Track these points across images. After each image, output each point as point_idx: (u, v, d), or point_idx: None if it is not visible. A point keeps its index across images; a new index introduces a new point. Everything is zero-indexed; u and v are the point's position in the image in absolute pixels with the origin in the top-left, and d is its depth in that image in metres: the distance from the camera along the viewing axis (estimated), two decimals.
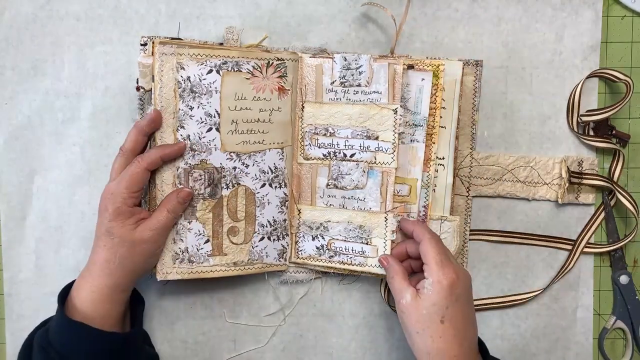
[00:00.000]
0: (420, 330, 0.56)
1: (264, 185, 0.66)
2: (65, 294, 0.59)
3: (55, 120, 0.69)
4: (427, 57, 0.68)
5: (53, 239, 0.69)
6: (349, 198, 0.66)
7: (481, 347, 0.61)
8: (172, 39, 0.64)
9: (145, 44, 0.63)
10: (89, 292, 0.58)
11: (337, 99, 0.66)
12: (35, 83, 0.69)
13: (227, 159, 0.64)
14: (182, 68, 0.62)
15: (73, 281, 0.60)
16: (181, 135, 0.62)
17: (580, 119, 0.70)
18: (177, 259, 0.64)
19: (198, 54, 0.62)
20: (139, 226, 0.59)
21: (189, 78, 0.62)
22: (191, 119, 0.62)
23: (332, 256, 0.67)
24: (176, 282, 0.69)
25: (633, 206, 0.69)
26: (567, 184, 0.69)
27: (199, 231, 0.64)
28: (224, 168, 0.64)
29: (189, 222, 0.63)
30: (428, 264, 0.58)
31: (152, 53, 0.61)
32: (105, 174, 0.68)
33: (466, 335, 0.57)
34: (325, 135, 0.66)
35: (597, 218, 0.71)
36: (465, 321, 0.57)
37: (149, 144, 0.62)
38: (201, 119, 0.63)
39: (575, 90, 0.70)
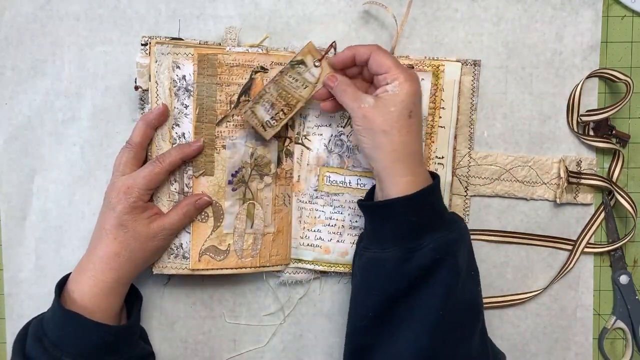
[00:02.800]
0: (388, 128, 0.57)
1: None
2: (62, 285, 0.60)
3: (55, 120, 0.69)
4: (426, 57, 0.68)
5: (53, 239, 0.69)
6: None
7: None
8: (172, 39, 0.65)
9: (146, 44, 0.64)
10: (92, 285, 0.58)
11: None
12: (35, 83, 0.69)
13: None
14: (178, 67, 0.62)
15: (70, 273, 0.61)
16: (176, 133, 0.63)
17: (580, 119, 0.70)
18: (171, 254, 0.64)
19: (193, 54, 0.62)
20: (153, 222, 0.61)
21: (184, 77, 0.62)
22: (186, 117, 0.63)
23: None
24: (176, 282, 0.69)
25: (631, 206, 0.69)
26: (565, 184, 0.69)
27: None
28: None
29: None
30: (389, 70, 0.58)
31: (150, 53, 0.62)
32: (105, 174, 0.68)
33: (420, 135, 0.59)
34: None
35: (597, 218, 0.71)
36: (422, 121, 0.59)
37: None
38: None
39: (575, 90, 0.70)
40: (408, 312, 0.57)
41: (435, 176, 0.60)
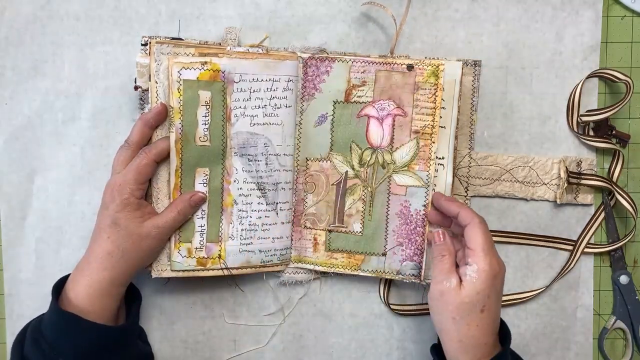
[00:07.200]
0: (458, 317, 0.56)
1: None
2: (59, 286, 0.60)
3: (55, 120, 0.69)
4: (426, 57, 0.68)
5: (53, 239, 0.69)
6: None
7: (503, 330, 0.60)
8: (173, 39, 0.64)
9: (146, 44, 0.63)
10: (86, 285, 0.58)
11: None
12: (35, 83, 0.69)
13: None
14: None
15: (69, 274, 0.60)
16: None
17: (580, 119, 0.70)
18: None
19: (193, 54, 0.62)
20: (146, 221, 0.60)
21: None
22: None
23: None
24: (176, 282, 0.69)
25: (632, 206, 0.69)
26: (566, 185, 0.69)
27: None
28: None
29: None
30: (475, 250, 0.57)
31: (150, 53, 0.62)
32: (105, 174, 0.68)
33: (496, 324, 0.58)
34: None
35: (597, 218, 0.71)
36: (498, 311, 0.58)
37: None
38: None
39: (575, 90, 0.70)
40: None
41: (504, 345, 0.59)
